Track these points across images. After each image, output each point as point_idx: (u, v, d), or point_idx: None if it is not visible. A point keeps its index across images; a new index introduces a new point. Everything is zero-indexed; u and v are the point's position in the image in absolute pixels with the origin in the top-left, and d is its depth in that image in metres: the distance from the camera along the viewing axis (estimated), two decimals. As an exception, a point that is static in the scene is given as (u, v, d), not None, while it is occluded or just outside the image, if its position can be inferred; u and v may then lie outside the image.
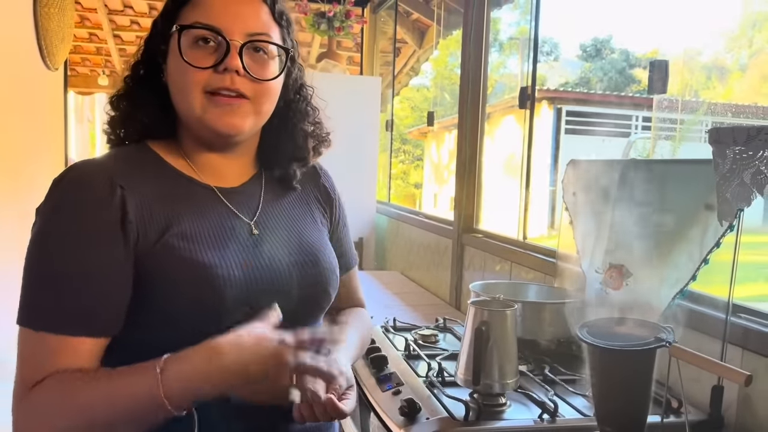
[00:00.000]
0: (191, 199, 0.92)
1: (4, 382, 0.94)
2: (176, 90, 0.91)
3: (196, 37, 0.89)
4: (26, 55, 3.37)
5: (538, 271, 1.92)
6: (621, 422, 0.86)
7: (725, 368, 0.84)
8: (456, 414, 1.15)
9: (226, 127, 0.90)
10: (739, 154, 0.99)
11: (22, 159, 3.36)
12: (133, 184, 0.86)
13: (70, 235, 0.82)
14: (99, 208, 0.83)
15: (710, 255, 1.21)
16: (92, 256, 0.82)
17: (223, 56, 0.88)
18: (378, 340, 1.66)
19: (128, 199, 0.85)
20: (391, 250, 3.69)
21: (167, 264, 0.85)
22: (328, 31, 3.80)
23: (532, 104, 2.24)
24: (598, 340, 0.85)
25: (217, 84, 0.88)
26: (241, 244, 0.93)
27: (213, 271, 0.86)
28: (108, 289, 0.83)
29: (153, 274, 0.84)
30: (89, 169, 0.87)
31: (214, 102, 0.89)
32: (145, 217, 0.86)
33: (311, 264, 0.98)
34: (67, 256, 0.82)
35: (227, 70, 0.88)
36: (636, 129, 7.84)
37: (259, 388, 0.80)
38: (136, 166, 0.91)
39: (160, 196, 0.89)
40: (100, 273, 0.82)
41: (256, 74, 0.91)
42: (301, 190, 1.08)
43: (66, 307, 0.81)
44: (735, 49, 6.83)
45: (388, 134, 4.52)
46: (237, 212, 0.96)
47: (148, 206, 0.86)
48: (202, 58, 0.88)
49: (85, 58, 7.79)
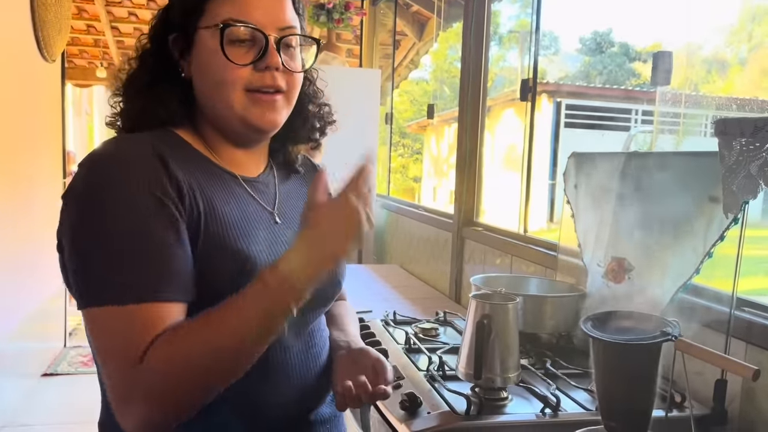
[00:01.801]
0: (222, 184, 0.91)
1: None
2: (209, 87, 0.90)
3: (235, 34, 0.87)
4: (23, 46, 3.34)
5: (539, 265, 1.91)
6: (626, 417, 0.85)
7: (733, 362, 0.83)
8: (457, 408, 1.14)
9: (269, 124, 0.91)
10: (745, 146, 0.98)
11: (21, 151, 3.34)
12: (174, 162, 0.84)
13: (132, 200, 0.78)
14: (157, 169, 0.81)
15: (714, 248, 1.20)
16: (162, 216, 0.79)
17: (263, 53, 0.87)
18: (378, 333, 1.65)
19: (178, 173, 0.83)
20: (391, 243, 3.68)
21: (210, 249, 0.83)
22: (327, 23, 3.78)
23: (533, 96, 2.23)
24: (603, 334, 0.84)
25: (259, 82, 0.88)
26: (269, 233, 0.93)
27: (249, 260, 0.85)
28: (181, 253, 0.80)
29: (196, 257, 0.82)
30: (134, 142, 0.85)
31: (256, 100, 0.89)
32: (191, 193, 0.84)
33: None
34: (137, 224, 0.78)
35: (269, 67, 0.88)
36: (636, 123, 7.83)
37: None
38: (169, 147, 0.87)
39: (195, 176, 0.87)
40: (173, 237, 0.79)
41: (291, 68, 0.91)
42: (306, 184, 1.09)
43: (150, 274, 0.77)
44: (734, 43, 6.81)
45: (388, 127, 4.51)
46: (260, 201, 0.96)
47: (189, 183, 0.84)
48: (241, 55, 0.87)
49: (83, 50, 7.76)
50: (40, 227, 3.29)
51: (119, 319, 0.77)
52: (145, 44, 0.94)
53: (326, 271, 0.80)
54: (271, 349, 0.88)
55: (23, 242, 3.22)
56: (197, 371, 0.76)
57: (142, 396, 0.75)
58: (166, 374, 0.75)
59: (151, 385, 0.75)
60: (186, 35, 0.91)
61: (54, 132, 4.07)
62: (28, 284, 3.32)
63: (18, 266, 3.16)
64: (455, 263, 2.53)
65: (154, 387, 0.75)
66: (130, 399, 0.76)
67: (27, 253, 3.26)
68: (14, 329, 3.20)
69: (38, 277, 3.46)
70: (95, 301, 0.77)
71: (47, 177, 3.85)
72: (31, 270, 3.31)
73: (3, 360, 3.07)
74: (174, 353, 0.76)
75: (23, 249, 3.22)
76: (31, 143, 3.56)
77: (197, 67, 0.91)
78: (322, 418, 1.00)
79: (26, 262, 3.26)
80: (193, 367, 0.76)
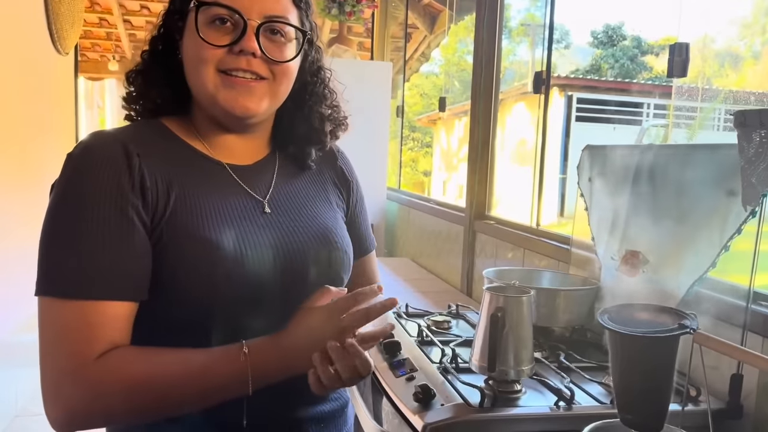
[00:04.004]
0: (202, 175, 0.92)
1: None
2: (190, 67, 0.90)
3: (214, 15, 0.87)
4: (37, 39, 3.36)
5: (552, 258, 1.90)
6: (642, 410, 0.85)
7: (753, 355, 0.83)
8: (471, 400, 1.14)
9: (241, 109, 0.89)
10: (765, 137, 0.96)
11: (34, 144, 3.36)
12: (147, 154, 0.86)
13: (92, 197, 0.81)
14: (118, 171, 0.82)
15: (731, 242, 1.19)
16: (117, 216, 0.81)
17: (240, 37, 0.87)
18: (390, 326, 1.65)
19: (144, 166, 0.84)
20: (402, 236, 3.68)
21: (176, 239, 0.84)
22: (338, 15, 3.77)
23: (546, 89, 2.21)
24: (621, 327, 0.83)
25: (231, 64, 0.88)
26: (253, 223, 0.92)
27: (221, 251, 0.85)
28: (135, 251, 0.82)
29: (162, 248, 0.84)
30: (105, 137, 0.87)
31: (230, 83, 0.88)
32: (159, 187, 0.85)
33: (323, 244, 0.98)
34: (92, 217, 0.80)
35: (243, 51, 0.87)
36: (648, 116, 7.77)
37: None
38: (148, 138, 0.90)
39: (171, 169, 0.88)
40: (127, 233, 0.81)
41: (273, 56, 0.90)
42: (317, 172, 1.08)
43: (101, 270, 0.80)
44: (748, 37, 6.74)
45: (399, 120, 4.50)
46: (249, 190, 0.95)
47: (162, 177, 0.86)
48: (218, 37, 0.87)
49: (95, 44, 7.79)
50: (53, 219, 3.31)
51: (64, 313, 0.79)
52: (155, 29, 0.96)
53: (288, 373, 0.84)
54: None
55: (36, 234, 3.24)
56: (144, 400, 0.80)
57: (87, 392, 0.78)
58: (118, 391, 0.79)
59: (97, 391, 0.78)
60: (181, 16, 0.92)
61: (67, 125, 4.09)
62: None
63: (31, 258, 3.18)
64: (467, 257, 2.53)
65: (98, 394, 0.78)
66: (79, 389, 0.78)
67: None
68: (28, 320, 3.23)
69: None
70: (45, 288, 0.80)
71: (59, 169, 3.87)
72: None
73: (17, 350, 3.10)
74: (134, 374, 0.79)
75: (36, 241, 3.24)
76: (44, 136, 3.58)
77: (183, 49, 0.92)
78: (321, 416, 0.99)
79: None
80: (142, 394, 0.79)
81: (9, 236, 2.89)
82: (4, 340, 2.87)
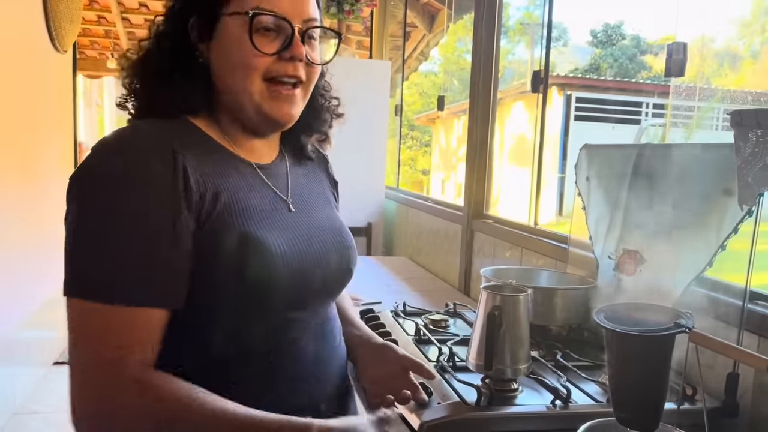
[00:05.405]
0: (237, 173, 0.91)
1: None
2: (229, 73, 0.90)
3: (262, 22, 0.87)
4: (35, 37, 3.35)
5: (549, 257, 1.91)
6: (638, 409, 0.85)
7: (749, 354, 0.83)
8: (468, 399, 1.14)
9: (285, 117, 0.92)
10: (762, 137, 0.97)
11: (32, 142, 3.36)
12: (187, 153, 0.84)
13: (136, 199, 0.78)
14: (164, 172, 0.80)
15: (727, 241, 1.20)
16: (160, 220, 0.79)
17: (288, 43, 0.88)
18: (388, 324, 1.65)
19: (188, 166, 0.82)
20: (400, 235, 3.68)
21: (221, 238, 0.83)
22: (337, 14, 3.76)
23: (545, 88, 2.22)
24: (618, 326, 0.84)
25: (279, 71, 0.89)
26: (285, 221, 0.93)
27: (267, 248, 0.86)
28: (174, 258, 0.80)
29: (207, 247, 0.82)
30: (148, 133, 0.84)
31: (275, 92, 0.89)
32: (200, 187, 0.83)
33: (342, 242, 1.01)
34: (133, 220, 0.78)
35: (293, 58, 0.88)
36: (646, 116, 7.79)
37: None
38: (184, 136, 0.87)
39: (210, 168, 0.87)
40: (170, 240, 0.79)
41: (312, 59, 0.92)
42: (317, 172, 1.11)
43: (138, 278, 0.78)
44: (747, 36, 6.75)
45: (398, 119, 4.50)
46: (275, 189, 0.96)
47: (203, 176, 0.84)
48: (266, 44, 0.88)
49: (94, 41, 7.78)
50: (51, 217, 3.31)
51: (94, 316, 0.77)
52: (161, 26, 0.94)
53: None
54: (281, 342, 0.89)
55: (35, 232, 3.24)
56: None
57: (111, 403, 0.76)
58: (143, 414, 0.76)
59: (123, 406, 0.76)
60: (208, 20, 0.90)
61: (66, 123, 4.09)
62: (41, 273, 3.34)
63: (31, 255, 3.19)
64: (464, 255, 2.53)
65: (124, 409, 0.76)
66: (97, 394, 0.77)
67: (39, 242, 3.28)
68: (27, 318, 3.23)
69: (51, 267, 3.48)
70: (78, 290, 0.77)
71: (59, 167, 3.87)
72: (43, 259, 3.33)
73: (16, 348, 3.10)
74: (164, 409, 0.76)
75: (35, 239, 3.24)
76: (42, 134, 3.58)
77: (219, 53, 0.90)
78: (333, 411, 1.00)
79: (39, 252, 3.28)
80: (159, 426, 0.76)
81: (7, 234, 2.89)
82: (3, 338, 2.87)
